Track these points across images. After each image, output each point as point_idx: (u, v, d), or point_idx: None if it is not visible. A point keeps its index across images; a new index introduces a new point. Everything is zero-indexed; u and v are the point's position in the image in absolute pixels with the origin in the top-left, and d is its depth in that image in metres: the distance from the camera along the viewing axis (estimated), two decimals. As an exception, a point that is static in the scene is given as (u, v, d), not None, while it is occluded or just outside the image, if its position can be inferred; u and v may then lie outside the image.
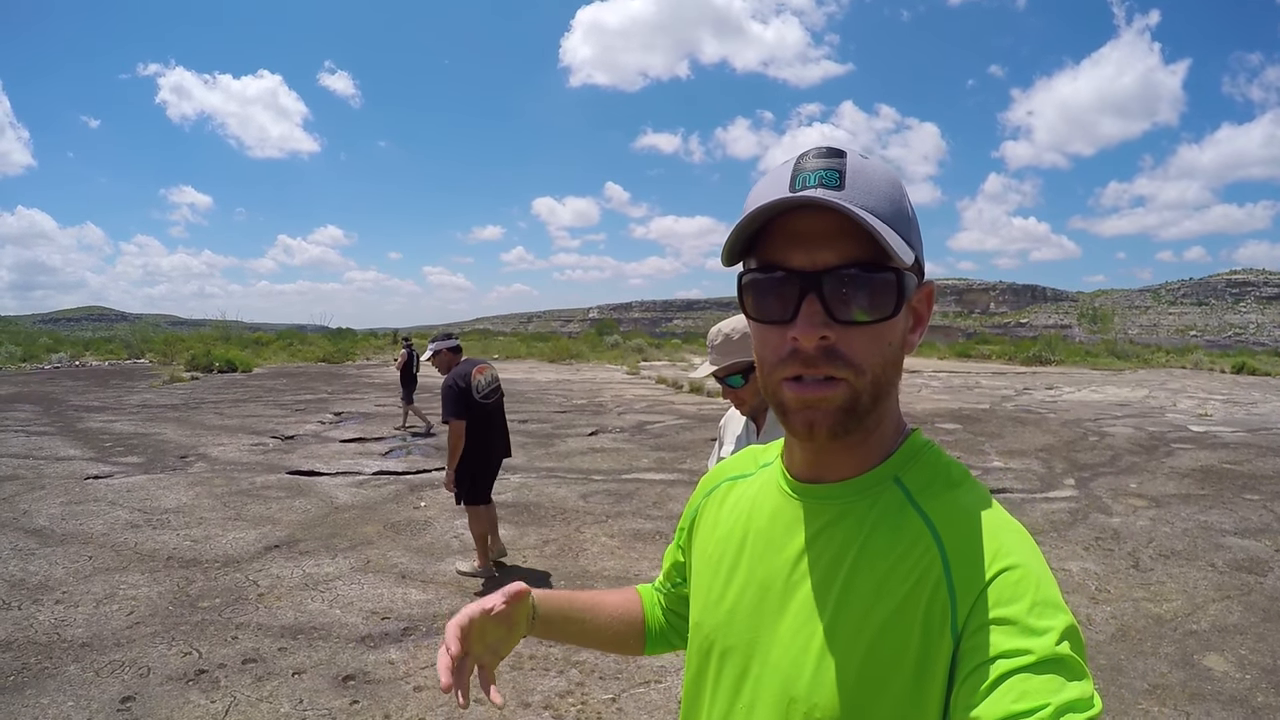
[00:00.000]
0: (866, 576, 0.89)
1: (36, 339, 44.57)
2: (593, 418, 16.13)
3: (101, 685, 4.45)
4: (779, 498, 1.02)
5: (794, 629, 0.93)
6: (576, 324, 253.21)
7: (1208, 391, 24.51)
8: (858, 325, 0.86)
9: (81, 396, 19.82)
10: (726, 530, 1.09)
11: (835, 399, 0.87)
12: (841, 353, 0.86)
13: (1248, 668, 4.84)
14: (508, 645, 1.18)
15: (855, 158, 0.88)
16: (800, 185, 0.86)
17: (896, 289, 0.86)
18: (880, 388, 0.89)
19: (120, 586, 5.97)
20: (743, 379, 2.64)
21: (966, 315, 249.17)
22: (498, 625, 1.15)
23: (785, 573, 0.97)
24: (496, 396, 6.53)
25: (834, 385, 0.86)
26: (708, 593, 1.07)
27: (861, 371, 0.87)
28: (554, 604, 1.27)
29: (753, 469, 1.15)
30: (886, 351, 0.89)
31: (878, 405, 0.91)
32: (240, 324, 48.06)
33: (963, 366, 38.26)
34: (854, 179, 0.86)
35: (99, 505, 8.46)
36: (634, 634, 1.35)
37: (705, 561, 1.11)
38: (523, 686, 4.48)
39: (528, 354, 43.20)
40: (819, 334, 0.85)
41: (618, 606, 1.36)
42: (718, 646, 1.03)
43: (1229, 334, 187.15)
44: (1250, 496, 9.34)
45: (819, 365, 0.86)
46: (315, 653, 4.90)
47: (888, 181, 0.89)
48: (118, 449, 12.07)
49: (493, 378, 6.52)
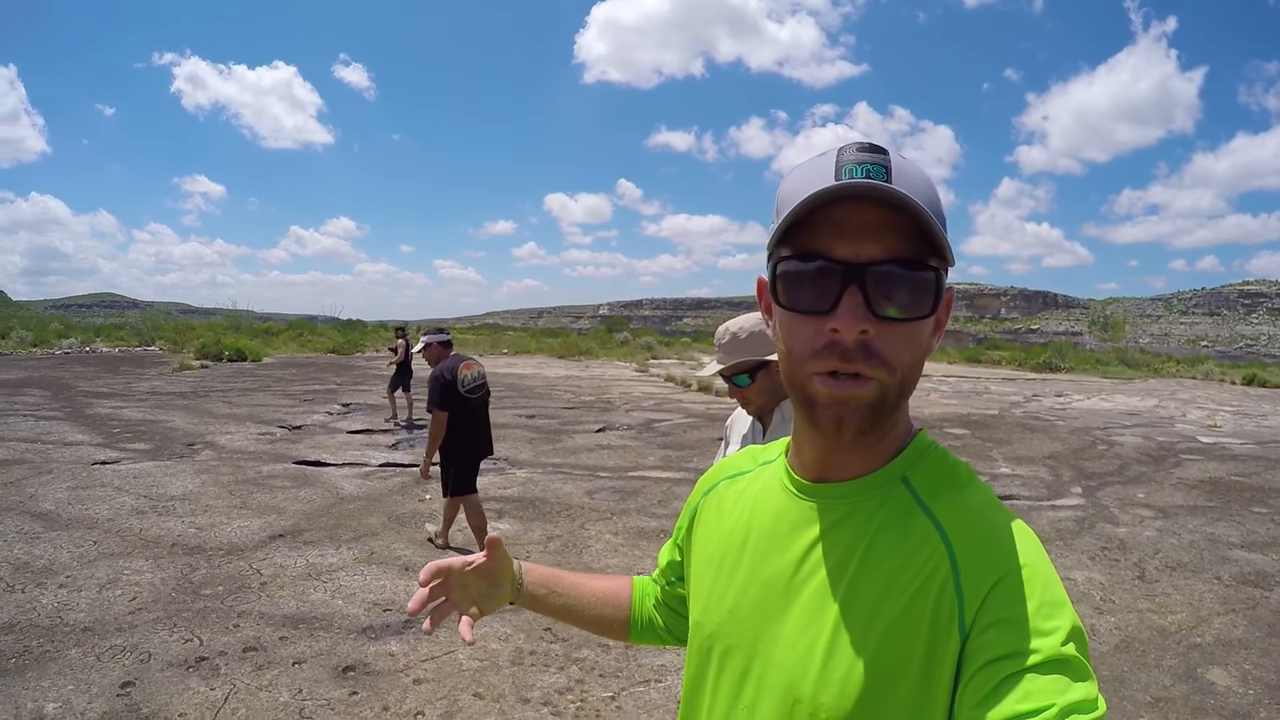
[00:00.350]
0: (873, 576, 0.89)
1: (48, 324, 44.77)
2: (600, 414, 16.12)
3: (102, 670, 4.45)
4: (783, 497, 1.01)
5: (799, 628, 0.92)
6: (586, 320, 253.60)
7: (1218, 403, 24.41)
8: (894, 322, 0.85)
9: (91, 382, 19.89)
10: (728, 529, 1.08)
11: (866, 396, 0.86)
12: (876, 349, 0.85)
13: (1251, 683, 4.81)
14: (491, 603, 1.31)
15: (897, 156, 0.87)
16: (846, 176, 0.84)
17: (935, 288, 0.86)
18: (906, 387, 0.89)
19: (124, 572, 5.98)
20: (749, 378, 2.63)
21: (977, 320, 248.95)
22: (478, 579, 1.30)
23: (790, 572, 0.96)
24: (481, 393, 6.73)
25: (864, 383, 0.85)
26: (709, 592, 1.07)
27: (893, 370, 0.86)
28: (540, 576, 1.37)
29: (752, 467, 1.15)
30: (916, 351, 0.88)
31: (901, 403, 0.91)
32: (251, 313, 48.19)
33: (972, 371, 38.18)
34: (899, 176, 0.85)
35: (105, 491, 8.49)
36: (618, 620, 1.39)
37: (706, 561, 1.10)
38: (522, 683, 4.48)
39: (537, 349, 43.21)
40: (860, 327, 0.83)
41: (605, 590, 1.41)
42: (719, 646, 1.02)
43: (1240, 345, 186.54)
44: (1258, 510, 9.28)
45: (855, 360, 0.84)
46: (316, 643, 4.90)
47: (926, 183, 0.88)
48: (125, 435, 12.10)
49: (479, 374, 6.75)
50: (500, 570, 1.32)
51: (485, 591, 1.31)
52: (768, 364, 2.58)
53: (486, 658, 4.76)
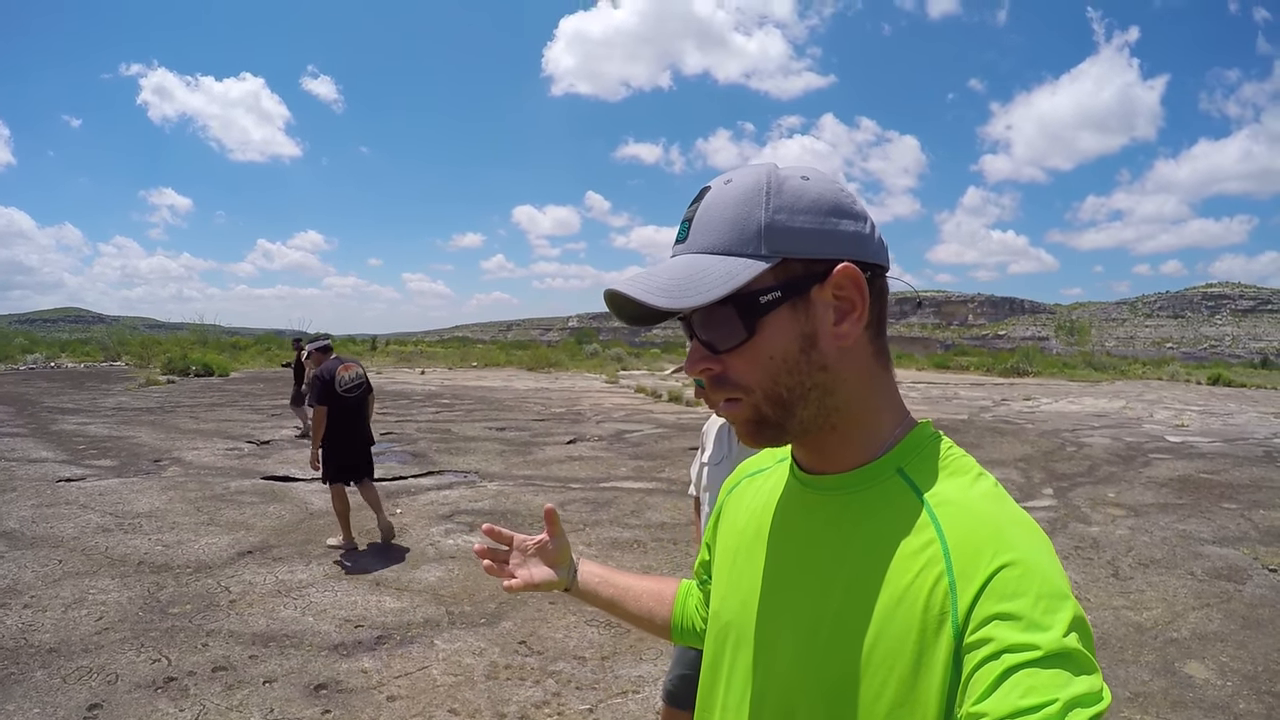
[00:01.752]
0: (871, 567, 0.88)
1: (12, 339, 44.18)
2: (571, 426, 16.08)
3: (68, 692, 4.35)
4: (791, 489, 1.04)
5: (800, 618, 0.93)
6: (556, 332, 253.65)
7: (1184, 403, 24.71)
8: (732, 351, 0.90)
9: (56, 398, 19.61)
10: (744, 523, 1.11)
11: (740, 414, 0.93)
12: (729, 378, 0.92)
13: (1229, 675, 4.84)
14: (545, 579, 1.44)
15: (714, 192, 0.92)
16: (678, 238, 0.95)
17: (736, 315, 0.88)
18: (779, 398, 0.91)
19: (90, 591, 5.87)
20: None
21: (945, 327, 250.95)
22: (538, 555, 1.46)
23: (794, 562, 0.98)
24: (359, 392, 7.44)
25: (736, 405, 0.93)
26: (725, 583, 1.10)
27: (749, 390, 0.91)
28: (594, 569, 1.50)
29: (771, 464, 1.18)
30: (771, 366, 0.90)
31: (792, 411, 0.92)
32: (218, 328, 47.76)
33: (941, 378, 38.44)
34: (699, 222, 0.92)
35: (70, 508, 8.33)
36: (662, 617, 1.46)
37: (724, 554, 1.14)
38: (498, 697, 4.42)
39: (507, 362, 43.15)
40: (699, 368, 0.93)
41: (651, 589, 1.48)
42: (732, 636, 1.04)
43: (1205, 346, 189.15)
44: (1228, 505, 9.39)
45: (713, 391, 0.94)
46: (287, 661, 4.81)
47: (736, 202, 0.90)
48: (91, 452, 11.91)
49: (357, 375, 7.47)
50: (559, 551, 1.47)
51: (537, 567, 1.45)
52: None
53: (461, 673, 4.69)
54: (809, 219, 0.88)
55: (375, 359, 44.77)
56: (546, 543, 1.47)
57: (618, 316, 0.98)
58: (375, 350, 50.82)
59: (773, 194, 0.88)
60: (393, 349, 53.28)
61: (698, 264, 0.88)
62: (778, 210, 0.88)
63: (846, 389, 0.92)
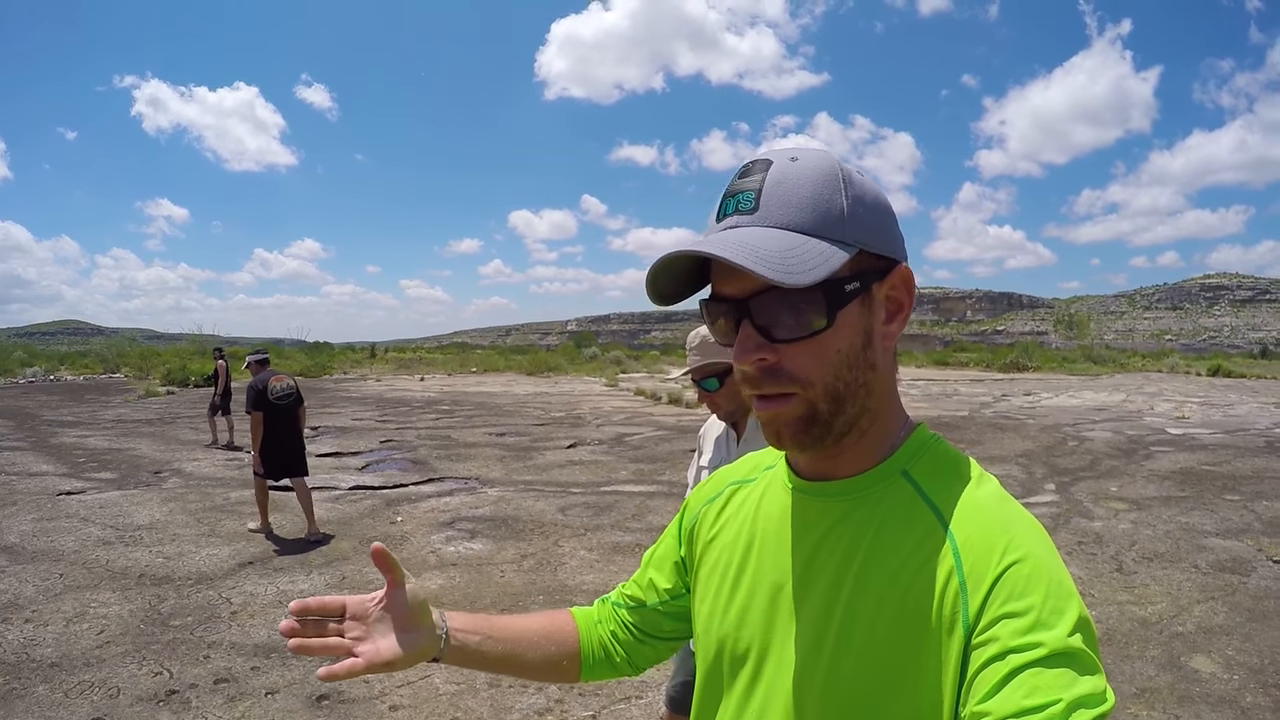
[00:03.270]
0: (878, 572, 0.87)
1: (10, 353, 44.13)
2: (571, 430, 16.07)
3: (70, 706, 4.33)
4: (786, 497, 1.01)
5: (807, 628, 0.92)
6: (555, 337, 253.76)
7: (1184, 394, 24.72)
8: (798, 341, 0.86)
9: (55, 411, 19.61)
10: (732, 535, 1.08)
11: (791, 412, 0.87)
12: (785, 370, 0.86)
13: (1235, 668, 4.82)
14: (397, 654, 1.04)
15: (780, 166, 0.87)
16: (725, 212, 0.88)
17: (824, 302, 0.84)
18: (837, 394, 0.88)
19: (91, 605, 5.85)
20: (718, 382, 2.61)
21: (943, 323, 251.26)
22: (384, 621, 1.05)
23: (797, 572, 0.95)
24: (289, 400, 8.20)
25: (786, 400, 0.87)
26: (714, 598, 1.06)
27: (809, 384, 0.86)
28: (467, 622, 1.15)
29: (756, 475, 1.14)
30: (835, 359, 0.87)
31: (844, 410, 0.89)
32: (217, 338, 47.86)
33: (941, 374, 38.47)
34: (770, 195, 0.86)
35: (71, 522, 8.32)
36: (567, 656, 1.23)
37: (711, 569, 1.09)
38: (500, 705, 4.40)
39: (506, 367, 43.17)
40: (754, 358, 0.86)
41: (547, 628, 1.25)
42: (728, 652, 1.01)
43: (1204, 337, 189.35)
44: (1231, 497, 9.38)
45: (763, 385, 0.87)
46: (289, 672, 4.79)
47: (814, 182, 0.86)
48: (91, 464, 11.90)
49: (287, 386, 8.27)
50: (414, 609, 1.07)
51: (384, 631, 1.06)
52: None
53: (463, 681, 4.67)
54: (875, 215, 0.88)
55: (374, 366, 44.78)
56: (389, 597, 1.07)
57: (653, 287, 0.93)
58: (374, 358, 50.73)
59: (847, 182, 0.87)
60: (392, 356, 53.23)
61: (786, 240, 0.83)
62: (854, 200, 0.87)
63: (880, 389, 0.92)
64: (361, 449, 13.59)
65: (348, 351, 55.66)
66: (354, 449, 13.57)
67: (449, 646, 1.11)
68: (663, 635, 1.26)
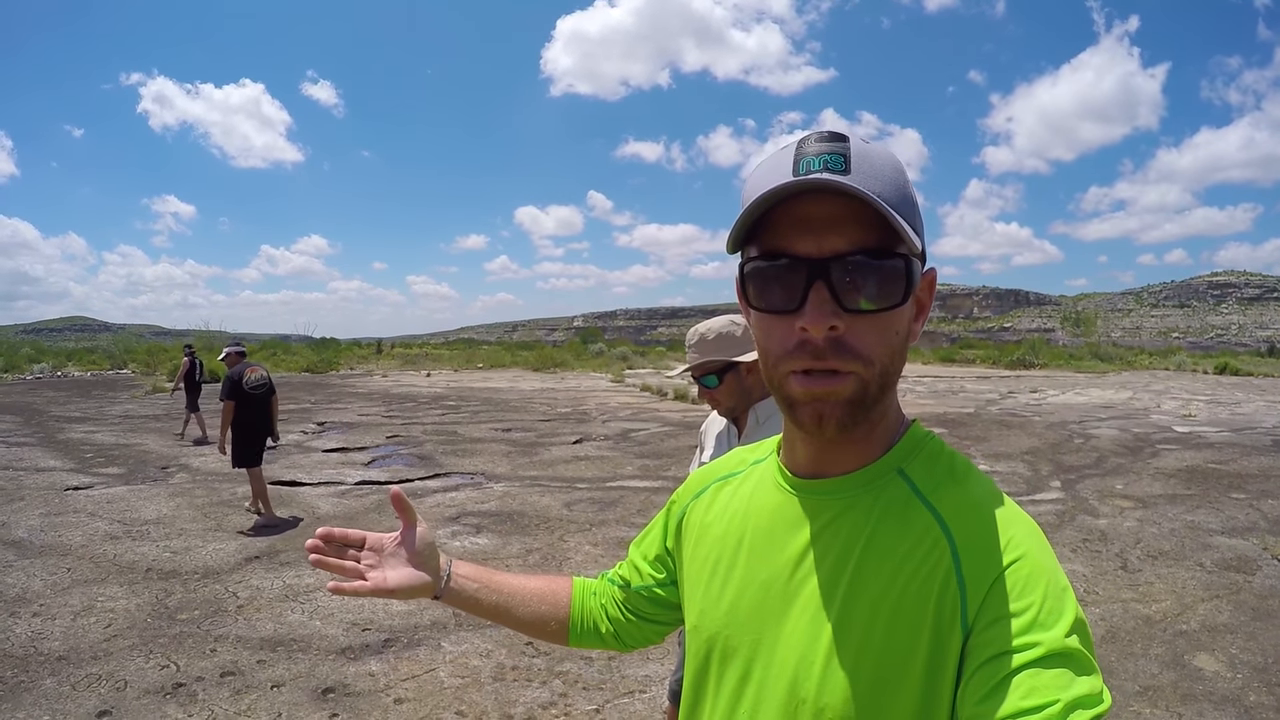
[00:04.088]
0: (875, 571, 0.87)
1: (18, 349, 44.32)
2: (577, 426, 16.08)
3: (78, 699, 4.36)
4: (778, 495, 1.00)
5: (800, 627, 0.91)
6: (561, 333, 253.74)
7: (1191, 392, 24.65)
8: (866, 314, 0.83)
9: (63, 407, 19.67)
10: (721, 531, 1.06)
11: (843, 391, 0.84)
12: (849, 344, 0.83)
13: (1239, 667, 4.81)
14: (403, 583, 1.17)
15: (858, 141, 0.85)
16: (804, 170, 0.82)
17: (906, 276, 0.84)
18: (888, 378, 0.87)
19: (98, 599, 5.88)
20: (717, 379, 2.62)
21: (950, 320, 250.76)
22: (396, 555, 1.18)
23: (789, 570, 0.94)
24: (262, 391, 8.65)
25: (841, 378, 0.84)
26: (704, 595, 1.05)
27: (870, 363, 0.84)
28: (470, 570, 1.27)
29: (742, 468, 1.13)
30: (894, 341, 0.86)
31: (884, 396, 0.88)
32: (224, 334, 47.83)
33: (947, 371, 38.40)
34: (859, 163, 0.83)
35: (78, 517, 8.36)
36: (556, 619, 1.31)
37: (700, 564, 1.08)
38: (505, 699, 4.42)
39: (512, 363, 43.18)
40: (829, 323, 0.82)
41: (542, 590, 1.32)
42: (718, 649, 1.00)
43: (1211, 335, 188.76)
44: (1236, 495, 9.37)
45: (827, 358, 0.83)
46: (295, 665, 4.82)
47: (892, 166, 0.85)
48: (98, 460, 11.96)
49: (261, 377, 8.71)
50: (424, 550, 1.19)
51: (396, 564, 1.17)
52: (736, 366, 2.58)
53: (468, 674, 4.69)
54: (919, 215, 0.88)
55: (381, 362, 44.83)
56: (403, 537, 1.20)
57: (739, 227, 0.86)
58: (381, 353, 50.78)
59: (909, 179, 0.88)
60: (398, 352, 53.28)
61: (885, 205, 0.81)
62: (915, 194, 0.88)
63: (897, 384, 0.92)
64: (368, 444, 13.63)
65: (354, 347, 55.75)
66: (360, 444, 13.61)
67: (448, 588, 1.23)
68: (646, 617, 1.27)
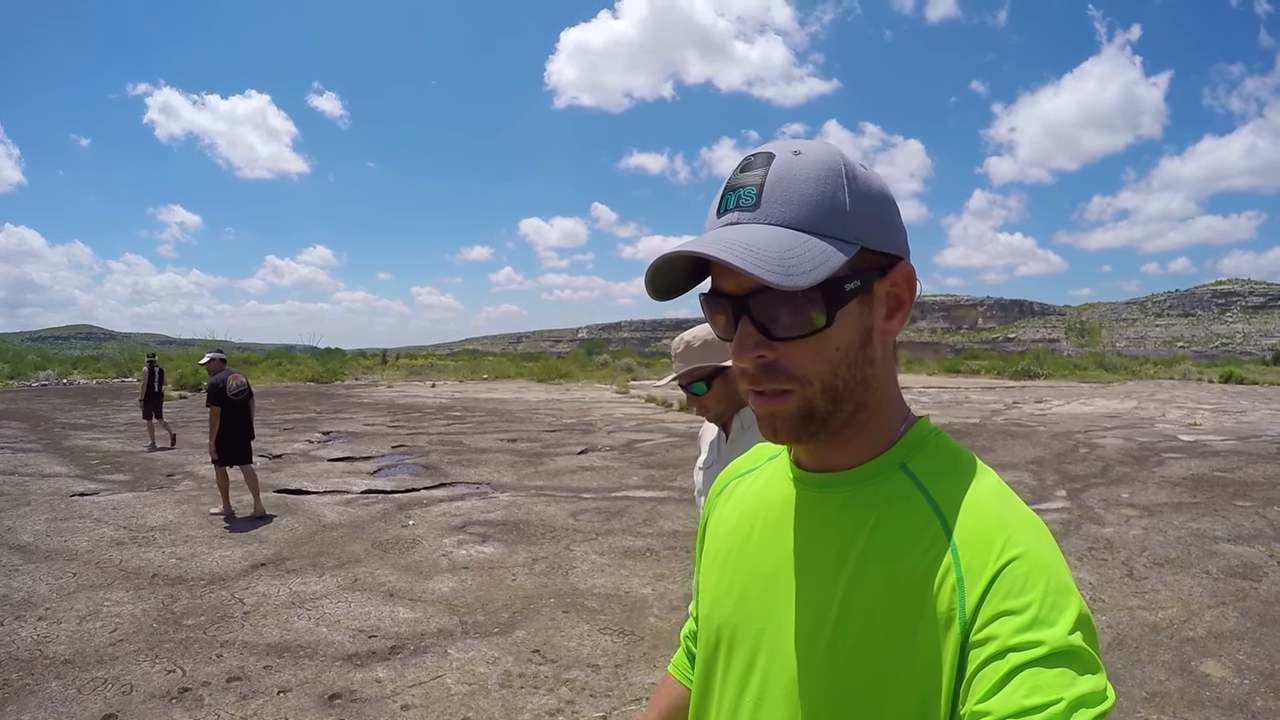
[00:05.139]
0: (875, 564, 0.87)
1: (24, 357, 44.40)
2: (582, 436, 16.08)
3: (83, 703, 4.36)
4: (786, 487, 1.01)
5: (802, 618, 0.91)
6: (566, 344, 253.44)
7: (1196, 401, 24.61)
8: (796, 340, 0.85)
9: (69, 414, 19.72)
10: (734, 524, 1.08)
11: (788, 409, 0.87)
12: (784, 367, 0.86)
13: (1246, 673, 4.81)
14: None
15: (782, 161, 0.86)
16: (724, 208, 0.87)
17: (823, 301, 0.84)
18: (836, 392, 0.87)
19: (104, 604, 5.89)
20: (705, 386, 2.62)
21: (954, 331, 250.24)
22: None
23: (793, 561, 0.95)
24: (243, 397, 9.18)
25: (784, 397, 0.87)
26: (715, 585, 1.06)
27: (807, 382, 0.86)
28: None
29: (760, 463, 1.14)
30: (835, 357, 0.86)
31: (841, 406, 0.89)
32: (229, 343, 48.05)
33: (952, 382, 38.38)
34: (772, 191, 0.85)
35: (84, 522, 8.37)
36: None
37: (714, 557, 1.10)
38: (512, 705, 4.42)
39: (517, 374, 43.22)
40: (754, 355, 0.86)
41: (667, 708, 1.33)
42: (725, 638, 1.01)
43: (1216, 344, 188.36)
44: (1242, 503, 9.35)
45: (762, 381, 0.87)
46: (301, 671, 4.82)
47: (816, 179, 0.85)
48: (104, 466, 11.98)
49: (241, 384, 9.26)
50: None
51: None
52: (723, 371, 2.58)
53: (475, 681, 4.69)
54: (878, 211, 0.88)
55: (386, 373, 44.88)
56: None
57: (653, 284, 0.92)
58: (386, 364, 50.78)
59: (850, 178, 0.86)
60: (403, 363, 53.26)
61: (786, 239, 0.82)
62: (857, 196, 0.86)
63: (879, 384, 0.92)
64: (373, 454, 13.63)
65: (359, 358, 55.77)
66: (366, 454, 13.61)
67: None
68: None
